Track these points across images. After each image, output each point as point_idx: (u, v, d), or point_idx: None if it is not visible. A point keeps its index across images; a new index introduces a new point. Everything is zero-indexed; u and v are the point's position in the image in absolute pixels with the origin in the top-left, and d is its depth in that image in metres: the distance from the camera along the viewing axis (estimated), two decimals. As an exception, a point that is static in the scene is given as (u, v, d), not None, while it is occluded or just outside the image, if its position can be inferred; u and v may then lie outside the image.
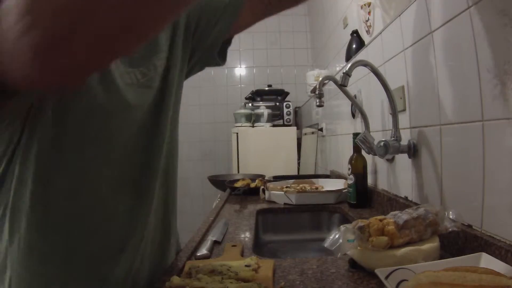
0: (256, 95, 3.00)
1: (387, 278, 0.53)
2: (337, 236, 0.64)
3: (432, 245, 0.63)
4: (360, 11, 1.43)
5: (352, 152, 1.25)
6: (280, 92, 3.03)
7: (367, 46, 1.31)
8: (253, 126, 2.67)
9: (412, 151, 0.93)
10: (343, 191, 1.32)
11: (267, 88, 3.07)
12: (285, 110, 2.85)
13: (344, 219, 1.22)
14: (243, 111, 2.74)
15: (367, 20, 1.36)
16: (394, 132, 0.97)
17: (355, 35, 1.49)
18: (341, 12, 1.89)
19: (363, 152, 1.17)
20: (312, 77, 2.33)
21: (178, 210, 0.78)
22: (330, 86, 1.90)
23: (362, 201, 1.21)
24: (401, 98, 0.99)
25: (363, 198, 1.22)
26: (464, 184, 0.72)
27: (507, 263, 0.52)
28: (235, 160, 2.55)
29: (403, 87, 0.98)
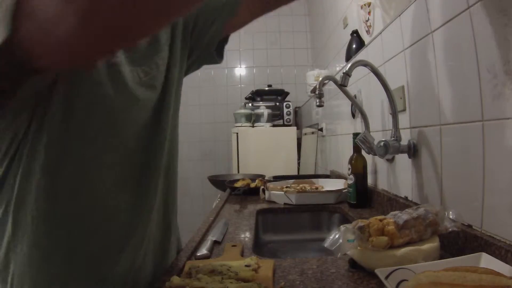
0: (256, 95, 3.00)
1: (387, 278, 0.53)
2: (337, 236, 0.64)
3: (432, 245, 0.63)
4: (360, 11, 1.43)
5: (352, 152, 1.25)
6: (280, 92, 3.03)
7: (367, 46, 1.31)
8: (253, 126, 2.67)
9: (412, 151, 0.93)
10: (343, 191, 1.32)
11: (267, 88, 3.07)
12: (285, 110, 2.85)
13: (344, 219, 1.22)
14: (243, 111, 2.74)
15: (367, 20, 1.36)
16: (394, 132, 0.97)
17: (355, 35, 1.49)
18: (341, 12, 1.89)
19: (363, 152, 1.17)
20: (312, 77, 2.33)
21: (178, 210, 0.79)
22: (330, 86, 1.90)
23: (362, 201, 1.21)
24: (401, 98, 0.99)
25: (363, 198, 1.22)
26: (464, 184, 0.72)
27: (507, 263, 0.52)
28: (235, 160, 2.55)
29: (403, 87, 0.98)
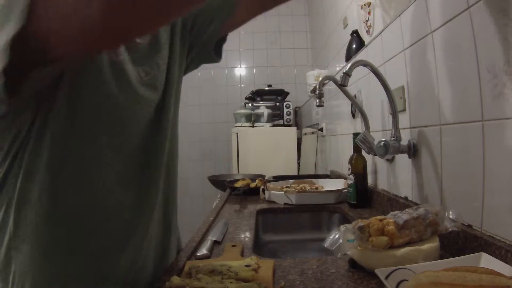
0: (256, 95, 3.00)
1: (387, 278, 0.53)
2: (337, 236, 0.64)
3: (432, 245, 0.63)
4: (360, 11, 1.43)
5: (352, 152, 1.25)
6: (280, 92, 3.03)
7: (367, 46, 1.31)
8: (253, 126, 2.67)
9: (412, 151, 0.93)
10: (343, 191, 1.32)
11: (267, 88, 3.07)
12: (285, 110, 2.85)
13: (344, 219, 1.22)
14: (243, 111, 2.74)
15: (367, 20, 1.36)
16: (394, 132, 0.97)
17: (355, 35, 1.49)
18: (341, 12, 1.89)
19: (363, 152, 1.17)
20: (312, 77, 2.33)
21: (178, 210, 0.79)
22: (330, 86, 1.90)
23: (362, 201, 1.21)
24: (401, 98, 0.99)
25: (363, 198, 1.22)
26: (464, 184, 0.72)
27: (507, 263, 0.52)
28: (235, 160, 2.55)
29: (403, 87, 0.98)
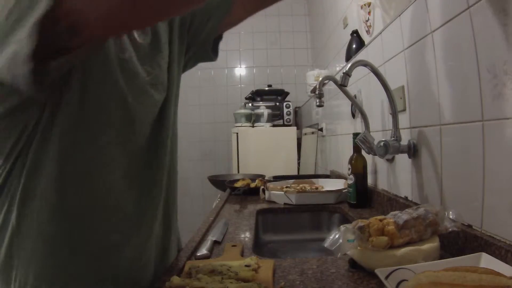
0: (256, 95, 3.00)
1: (387, 278, 0.53)
2: (337, 236, 0.64)
3: (432, 245, 0.63)
4: (360, 11, 1.43)
5: (352, 152, 1.25)
6: (280, 92, 3.03)
7: (367, 46, 1.31)
8: (253, 126, 2.67)
9: (412, 151, 0.93)
10: (343, 191, 1.32)
11: (267, 88, 3.07)
12: (285, 110, 2.85)
13: (344, 219, 1.22)
14: (243, 111, 2.74)
15: (367, 20, 1.36)
16: (394, 132, 0.97)
17: (355, 35, 1.49)
18: (341, 12, 1.89)
19: (363, 152, 1.17)
20: (312, 77, 2.33)
21: (178, 210, 0.79)
22: (330, 86, 1.90)
23: (362, 201, 1.21)
24: (401, 98, 0.99)
25: (363, 198, 1.21)
26: (464, 184, 0.72)
27: (507, 263, 0.52)
28: (235, 160, 2.55)
29: (403, 87, 0.98)
